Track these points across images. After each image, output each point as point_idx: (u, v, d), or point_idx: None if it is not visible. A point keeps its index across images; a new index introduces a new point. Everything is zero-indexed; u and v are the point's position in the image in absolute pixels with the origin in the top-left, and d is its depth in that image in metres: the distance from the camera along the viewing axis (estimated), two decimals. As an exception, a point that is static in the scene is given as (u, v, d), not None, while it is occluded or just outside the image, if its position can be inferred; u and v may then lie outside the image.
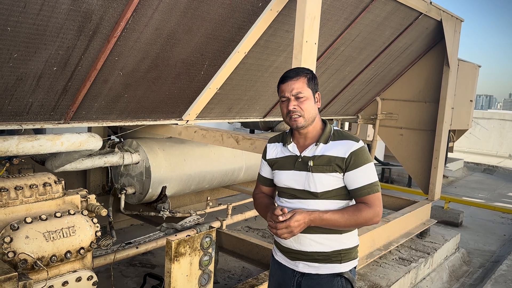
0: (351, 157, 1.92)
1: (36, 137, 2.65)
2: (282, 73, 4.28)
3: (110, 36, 2.60)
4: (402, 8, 4.31)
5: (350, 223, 1.91)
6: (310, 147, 2.00)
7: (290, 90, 1.95)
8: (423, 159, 5.76)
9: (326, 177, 1.94)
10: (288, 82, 1.97)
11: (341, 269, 2.02)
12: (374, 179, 1.95)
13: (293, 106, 1.94)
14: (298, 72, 2.00)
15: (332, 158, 1.94)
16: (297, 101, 1.95)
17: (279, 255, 2.15)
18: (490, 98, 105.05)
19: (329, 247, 1.99)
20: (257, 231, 5.53)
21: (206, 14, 2.91)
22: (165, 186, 4.02)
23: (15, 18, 2.19)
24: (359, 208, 1.92)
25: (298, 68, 2.05)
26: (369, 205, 1.92)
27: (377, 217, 1.93)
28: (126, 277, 4.06)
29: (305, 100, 1.95)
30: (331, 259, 2.00)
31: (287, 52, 3.82)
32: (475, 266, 5.50)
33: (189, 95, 3.57)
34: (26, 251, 2.00)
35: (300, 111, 1.95)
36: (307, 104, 1.96)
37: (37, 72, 2.52)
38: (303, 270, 2.03)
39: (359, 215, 1.90)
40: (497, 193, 9.77)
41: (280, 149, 2.12)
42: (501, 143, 15.25)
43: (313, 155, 1.98)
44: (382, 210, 1.96)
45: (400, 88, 6.01)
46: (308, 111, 1.96)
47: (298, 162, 2.01)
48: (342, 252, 2.01)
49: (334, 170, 1.93)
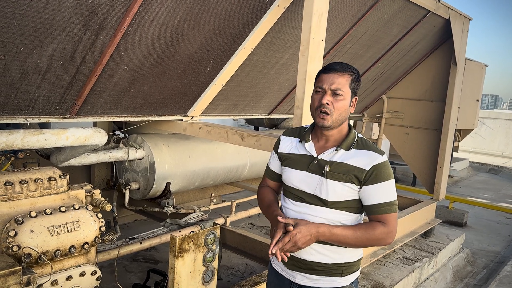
0: (373, 170, 1.76)
1: (42, 131, 2.65)
2: (288, 70, 4.25)
3: (116, 30, 2.59)
4: (410, 6, 4.27)
5: (361, 241, 1.76)
6: (330, 151, 1.84)
7: (331, 83, 1.78)
8: (429, 158, 5.73)
9: (341, 186, 1.79)
10: (331, 74, 1.79)
11: (341, 283, 1.88)
12: (393, 198, 1.80)
13: (326, 101, 1.78)
14: (345, 68, 1.81)
15: (352, 168, 1.78)
16: (333, 97, 1.79)
17: (276, 263, 2.03)
18: (496, 98, 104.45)
19: (330, 259, 1.85)
20: (261, 228, 5.52)
21: (213, 10, 2.89)
22: (169, 182, 4.01)
23: (21, 12, 2.18)
24: (373, 226, 1.77)
25: (347, 64, 1.84)
26: (384, 225, 1.77)
27: (391, 238, 1.79)
28: (130, 273, 4.06)
29: (342, 99, 1.79)
30: (331, 271, 1.86)
31: (293, 49, 3.80)
32: (479, 266, 5.47)
33: (195, 91, 3.56)
34: (30, 245, 2.00)
35: (331, 109, 1.78)
36: (342, 104, 1.79)
37: (43, 66, 2.52)
38: (300, 282, 1.91)
39: (372, 233, 1.76)
40: (502, 194, 9.71)
41: (295, 144, 1.95)
42: (506, 143, 15.16)
43: (331, 160, 1.82)
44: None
45: (406, 87, 5.97)
46: (339, 112, 1.79)
47: (314, 164, 1.85)
48: (344, 266, 1.87)
49: (350, 181, 1.78)
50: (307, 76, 2.85)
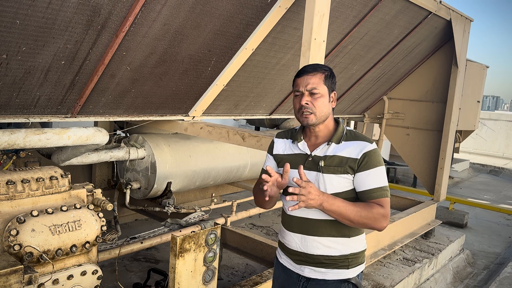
0: (364, 158, 1.86)
1: (43, 131, 2.66)
2: (289, 71, 4.25)
3: (118, 30, 2.60)
4: (411, 7, 4.28)
5: (360, 216, 1.82)
6: (321, 147, 1.93)
7: (305, 84, 1.88)
8: (429, 159, 5.73)
9: (337, 178, 1.87)
10: (305, 76, 1.90)
11: (349, 274, 1.95)
12: (385, 183, 1.88)
13: (305, 102, 1.88)
14: (316, 68, 1.92)
15: (344, 159, 1.87)
16: (311, 97, 1.88)
17: (283, 258, 2.08)
18: (497, 99, 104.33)
19: (337, 251, 1.93)
20: (261, 228, 5.53)
21: (215, 10, 2.90)
22: (170, 181, 4.02)
23: (24, 11, 2.19)
24: (371, 205, 1.84)
25: (317, 64, 1.97)
26: (381, 207, 1.84)
27: (386, 220, 1.85)
28: (130, 272, 4.07)
29: (320, 97, 1.88)
30: (338, 264, 1.94)
31: (294, 50, 3.80)
32: (479, 267, 5.47)
33: (196, 91, 3.57)
34: (32, 244, 2.00)
35: (312, 108, 1.87)
36: (321, 102, 1.89)
37: (45, 66, 2.53)
38: (309, 275, 1.97)
39: (370, 210, 1.82)
40: (503, 195, 9.71)
41: (289, 145, 2.04)
42: (507, 144, 15.15)
43: (325, 155, 1.91)
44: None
45: (407, 88, 5.98)
46: (321, 109, 1.89)
47: (309, 161, 1.93)
48: (350, 257, 1.95)
49: (345, 172, 1.87)
50: (308, 77, 2.85)
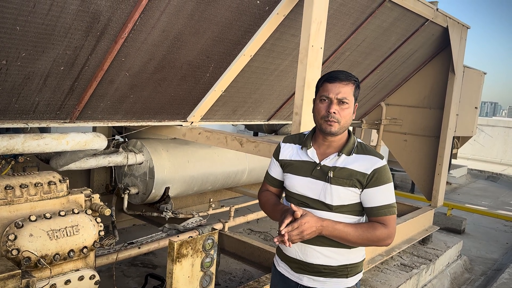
0: (374, 174, 1.83)
1: (42, 136, 2.67)
2: (287, 77, 4.27)
3: (117, 37, 2.62)
4: (409, 14, 4.31)
5: (362, 239, 1.82)
6: (332, 157, 1.90)
7: (337, 92, 1.83)
8: (427, 165, 5.75)
9: (345, 191, 1.85)
10: (337, 84, 1.85)
11: (348, 283, 1.94)
12: (392, 200, 1.87)
13: (334, 110, 1.83)
14: (348, 77, 1.87)
15: (354, 172, 1.85)
16: (339, 106, 1.84)
17: (281, 266, 2.06)
18: (495, 105, 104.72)
19: (336, 261, 1.91)
20: (259, 233, 5.53)
21: (213, 17, 2.92)
22: (168, 187, 4.03)
23: (24, 18, 2.21)
24: (374, 226, 1.84)
25: (348, 73, 1.91)
26: (385, 226, 1.84)
27: (390, 239, 1.85)
28: (128, 277, 4.07)
29: (347, 108, 1.85)
30: (337, 273, 1.93)
31: (292, 56, 3.83)
32: (477, 273, 5.48)
33: (194, 97, 3.59)
34: (30, 249, 2.01)
35: (339, 118, 1.83)
36: (347, 112, 1.85)
37: (44, 72, 2.54)
38: (307, 284, 1.95)
39: (372, 233, 1.82)
40: (501, 201, 9.72)
41: (296, 151, 2.00)
42: (505, 150, 15.19)
43: (334, 165, 1.87)
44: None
45: (405, 94, 6.01)
46: (346, 120, 1.85)
47: (317, 170, 1.90)
48: (349, 267, 1.94)
49: (353, 185, 1.84)
50: (305, 83, 2.88)
